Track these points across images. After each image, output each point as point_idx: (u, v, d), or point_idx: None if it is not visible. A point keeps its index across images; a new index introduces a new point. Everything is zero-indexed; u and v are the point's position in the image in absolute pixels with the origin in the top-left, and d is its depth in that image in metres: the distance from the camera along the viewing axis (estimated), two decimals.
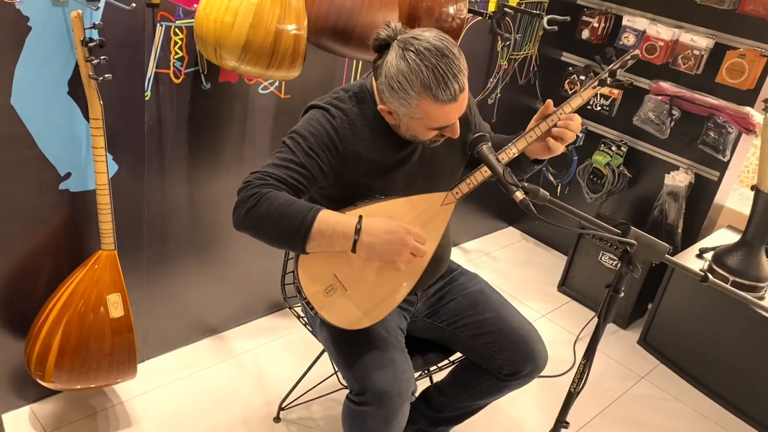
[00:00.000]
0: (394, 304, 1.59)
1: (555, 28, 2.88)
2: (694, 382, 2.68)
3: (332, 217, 1.44)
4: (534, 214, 1.37)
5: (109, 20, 1.74)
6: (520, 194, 1.40)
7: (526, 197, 1.40)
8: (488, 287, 1.89)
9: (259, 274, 2.54)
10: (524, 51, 3.18)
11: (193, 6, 1.89)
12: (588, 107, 3.15)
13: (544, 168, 3.43)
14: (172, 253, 2.23)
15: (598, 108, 3.13)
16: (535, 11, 2.78)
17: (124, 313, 1.90)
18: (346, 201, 1.57)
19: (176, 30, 1.90)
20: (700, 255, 2.75)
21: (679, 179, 2.90)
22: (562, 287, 3.21)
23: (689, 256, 2.76)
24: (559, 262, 3.36)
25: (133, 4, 1.72)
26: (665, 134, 2.91)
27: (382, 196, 1.58)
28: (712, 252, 2.69)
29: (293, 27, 1.77)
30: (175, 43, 1.92)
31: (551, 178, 3.45)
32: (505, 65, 3.12)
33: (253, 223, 1.43)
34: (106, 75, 1.69)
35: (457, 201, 1.60)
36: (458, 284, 1.87)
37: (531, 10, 2.81)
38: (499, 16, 2.85)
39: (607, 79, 1.64)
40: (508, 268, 3.35)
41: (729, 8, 2.64)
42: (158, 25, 1.86)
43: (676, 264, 1.48)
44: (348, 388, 1.65)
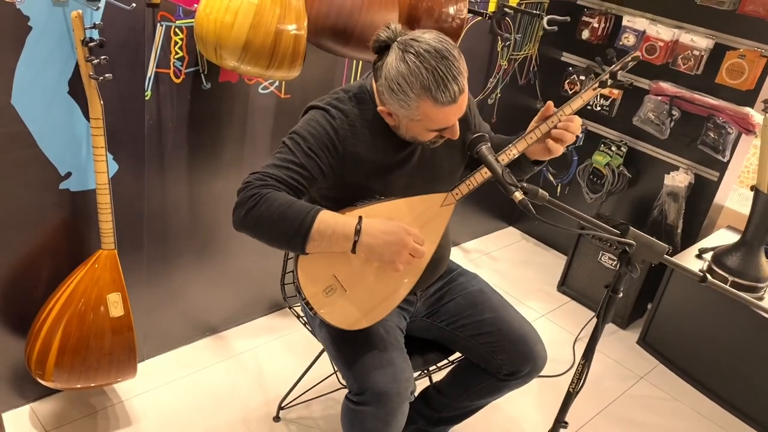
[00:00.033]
0: (393, 305, 1.59)
1: (555, 28, 2.88)
2: (694, 382, 2.68)
3: (332, 217, 1.44)
4: (533, 215, 1.37)
5: (109, 20, 1.74)
6: (519, 194, 1.40)
7: (525, 197, 1.40)
8: (488, 287, 1.89)
9: (259, 274, 2.55)
10: (524, 51, 3.18)
11: (193, 6, 1.89)
12: (588, 107, 3.15)
13: (544, 168, 3.43)
14: (172, 253, 2.23)
15: (598, 108, 3.13)
16: (535, 11, 2.78)
17: (124, 313, 1.90)
18: (345, 201, 1.57)
19: (176, 30, 1.90)
20: (699, 255, 2.75)
21: (678, 179, 2.90)
22: (562, 287, 3.21)
23: (689, 257, 2.76)
24: (559, 262, 3.36)
25: (134, 4, 1.73)
26: (665, 134, 2.91)
27: (382, 197, 1.58)
28: (711, 252, 2.69)
29: (293, 27, 1.77)
30: (176, 43, 1.92)
31: (551, 178, 3.45)
32: (505, 65, 3.12)
33: (252, 224, 1.44)
34: (107, 75, 1.69)
35: (457, 202, 1.60)
36: (458, 284, 1.87)
37: (531, 11, 2.81)
38: (499, 17, 2.85)
39: (608, 80, 1.64)
40: (508, 268, 3.35)
41: (729, 9, 2.64)
42: (158, 24, 1.86)
43: (674, 264, 1.48)
44: (347, 387, 1.65)
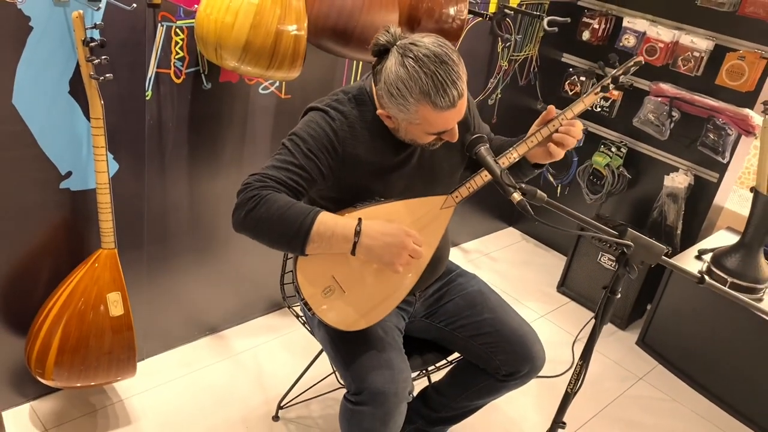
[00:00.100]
0: (392, 307, 1.59)
1: (555, 29, 2.89)
2: (693, 383, 2.68)
3: (331, 219, 1.44)
4: (531, 216, 1.37)
5: (110, 20, 1.74)
6: (517, 195, 1.40)
7: (524, 198, 1.40)
8: (487, 288, 1.89)
9: (259, 274, 2.55)
10: (525, 52, 3.18)
11: (193, 6, 1.90)
12: (588, 109, 3.15)
13: (544, 169, 3.43)
14: (172, 252, 2.23)
15: (598, 109, 3.14)
16: (536, 12, 2.78)
17: (124, 312, 1.90)
18: (345, 202, 1.57)
19: (177, 30, 1.91)
20: (699, 256, 2.75)
21: (678, 180, 2.90)
22: (562, 288, 3.21)
23: (688, 258, 2.76)
24: (559, 263, 3.36)
25: (134, 4, 1.73)
26: (665, 136, 2.92)
27: (382, 198, 1.59)
28: (711, 253, 2.69)
29: (294, 27, 1.78)
30: (176, 43, 1.93)
31: (551, 178, 3.46)
32: (506, 66, 3.12)
33: (252, 225, 1.44)
34: (107, 75, 1.70)
35: (457, 205, 1.60)
36: (457, 285, 1.87)
37: (531, 12, 2.81)
38: (499, 17, 2.85)
39: (610, 85, 1.64)
40: (508, 269, 3.36)
41: (729, 10, 2.64)
42: (159, 25, 1.86)
43: (673, 266, 1.48)
44: (345, 387, 1.65)
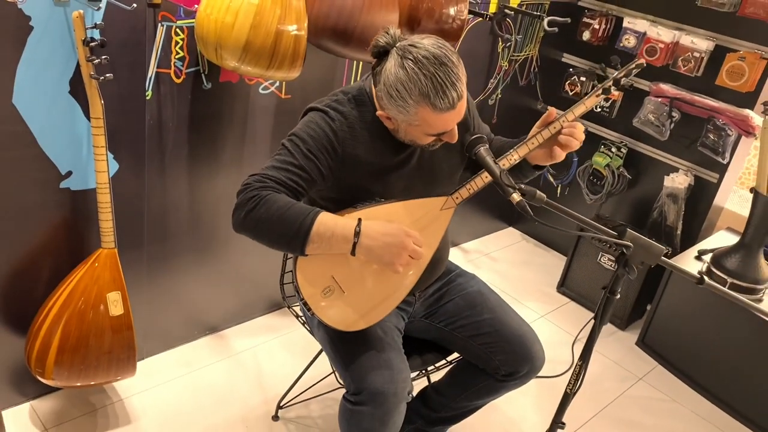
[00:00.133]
0: (392, 307, 1.59)
1: (556, 29, 2.89)
2: (692, 383, 2.68)
3: (331, 220, 1.44)
4: (530, 216, 1.38)
5: (110, 20, 1.74)
6: (516, 196, 1.41)
7: (523, 199, 1.40)
8: (486, 288, 1.89)
9: (259, 273, 2.55)
10: (525, 52, 3.18)
11: (194, 6, 1.90)
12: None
13: (544, 170, 3.44)
14: (172, 252, 2.24)
15: (599, 109, 3.14)
16: (536, 12, 2.78)
17: (124, 311, 1.91)
18: (345, 203, 1.57)
19: (177, 30, 1.91)
20: (699, 257, 2.75)
21: (678, 181, 2.90)
22: (561, 288, 3.21)
23: (688, 258, 2.76)
24: (559, 263, 3.36)
25: (134, 4, 1.73)
26: (665, 136, 2.92)
27: (382, 199, 1.59)
28: (710, 254, 2.69)
29: (294, 27, 1.78)
30: (176, 43, 1.93)
31: (551, 179, 3.46)
32: (506, 66, 3.12)
33: (252, 226, 1.44)
34: (107, 74, 1.70)
35: (457, 206, 1.61)
36: (456, 285, 1.88)
37: (532, 12, 2.81)
38: (499, 18, 2.85)
39: (611, 87, 1.64)
40: (508, 269, 3.36)
41: (729, 11, 2.64)
42: (159, 25, 1.86)
43: (672, 266, 1.48)
44: (345, 387, 1.65)
